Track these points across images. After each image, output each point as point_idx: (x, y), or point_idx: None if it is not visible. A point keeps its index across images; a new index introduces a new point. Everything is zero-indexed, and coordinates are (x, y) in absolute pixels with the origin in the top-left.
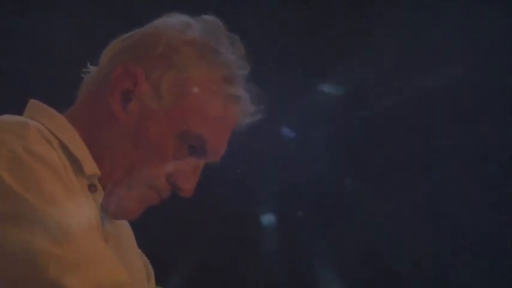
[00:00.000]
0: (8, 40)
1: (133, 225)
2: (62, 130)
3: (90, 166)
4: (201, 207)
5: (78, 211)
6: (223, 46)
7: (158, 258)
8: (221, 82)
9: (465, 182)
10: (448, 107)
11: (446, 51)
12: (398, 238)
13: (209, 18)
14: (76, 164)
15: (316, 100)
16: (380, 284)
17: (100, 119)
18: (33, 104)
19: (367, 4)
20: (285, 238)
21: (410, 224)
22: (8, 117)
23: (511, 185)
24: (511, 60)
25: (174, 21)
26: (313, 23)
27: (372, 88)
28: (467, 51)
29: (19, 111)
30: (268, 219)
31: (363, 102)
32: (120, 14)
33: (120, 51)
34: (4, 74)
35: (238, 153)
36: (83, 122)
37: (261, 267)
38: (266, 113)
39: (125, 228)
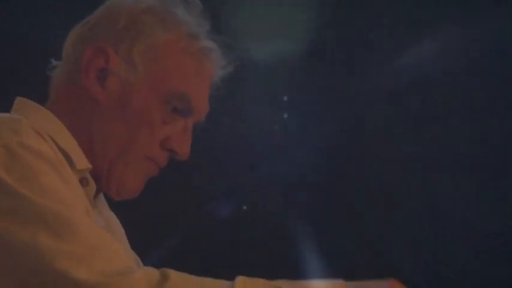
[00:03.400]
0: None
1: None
2: (49, 124)
3: (81, 160)
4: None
5: (77, 201)
6: (179, 8)
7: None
8: (187, 39)
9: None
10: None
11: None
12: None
13: None
14: (67, 158)
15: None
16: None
17: (81, 105)
18: (19, 101)
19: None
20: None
21: (411, 219)
22: None
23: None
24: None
25: None
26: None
27: (369, 84)
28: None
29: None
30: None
31: (361, 99)
32: None
33: (82, 36)
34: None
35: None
36: (65, 113)
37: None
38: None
39: (116, 225)
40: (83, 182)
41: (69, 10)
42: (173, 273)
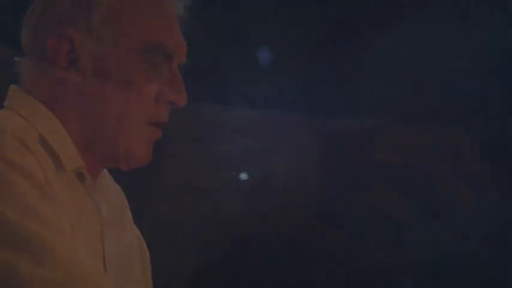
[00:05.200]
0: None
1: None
2: (43, 120)
3: (71, 161)
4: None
5: (59, 223)
6: None
7: None
8: None
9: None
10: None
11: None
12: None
13: None
14: (57, 160)
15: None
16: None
17: (65, 97)
18: (14, 91)
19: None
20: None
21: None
22: None
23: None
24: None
25: None
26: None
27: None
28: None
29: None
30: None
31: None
32: None
33: (37, 26)
34: None
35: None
36: (54, 107)
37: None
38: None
39: (121, 206)
40: (80, 177)
41: None
42: None
